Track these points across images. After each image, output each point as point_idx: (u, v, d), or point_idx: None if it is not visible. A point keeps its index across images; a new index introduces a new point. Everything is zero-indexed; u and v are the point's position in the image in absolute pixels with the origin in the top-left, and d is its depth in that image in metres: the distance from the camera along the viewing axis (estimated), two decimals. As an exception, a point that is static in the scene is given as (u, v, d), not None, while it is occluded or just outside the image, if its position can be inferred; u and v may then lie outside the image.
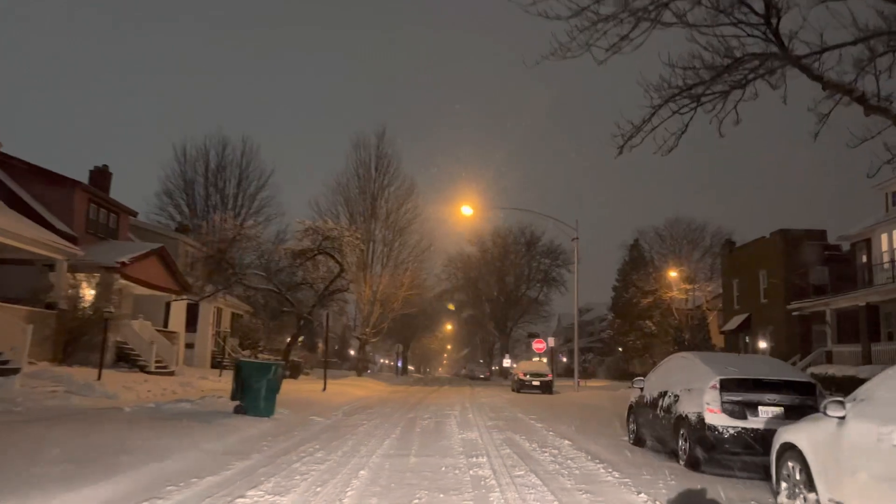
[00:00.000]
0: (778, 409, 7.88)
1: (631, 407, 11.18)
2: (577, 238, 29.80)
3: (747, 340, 35.18)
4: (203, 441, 8.91)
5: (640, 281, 55.84)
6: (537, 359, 38.61)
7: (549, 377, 29.97)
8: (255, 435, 10.29)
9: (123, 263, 21.47)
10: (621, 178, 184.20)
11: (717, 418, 7.94)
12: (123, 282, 21.85)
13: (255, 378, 12.82)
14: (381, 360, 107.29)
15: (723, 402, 7.97)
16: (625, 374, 57.95)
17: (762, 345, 33.13)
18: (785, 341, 30.96)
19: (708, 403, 8.06)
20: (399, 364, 67.97)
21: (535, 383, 29.68)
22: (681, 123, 11.19)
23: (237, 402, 12.73)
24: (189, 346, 33.57)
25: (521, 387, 29.91)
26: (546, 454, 9.30)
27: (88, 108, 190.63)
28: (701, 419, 8.08)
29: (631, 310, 55.87)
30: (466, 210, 29.71)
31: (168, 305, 29.29)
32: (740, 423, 7.86)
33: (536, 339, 40.04)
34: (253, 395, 12.78)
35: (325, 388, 21.86)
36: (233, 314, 37.23)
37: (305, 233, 18.29)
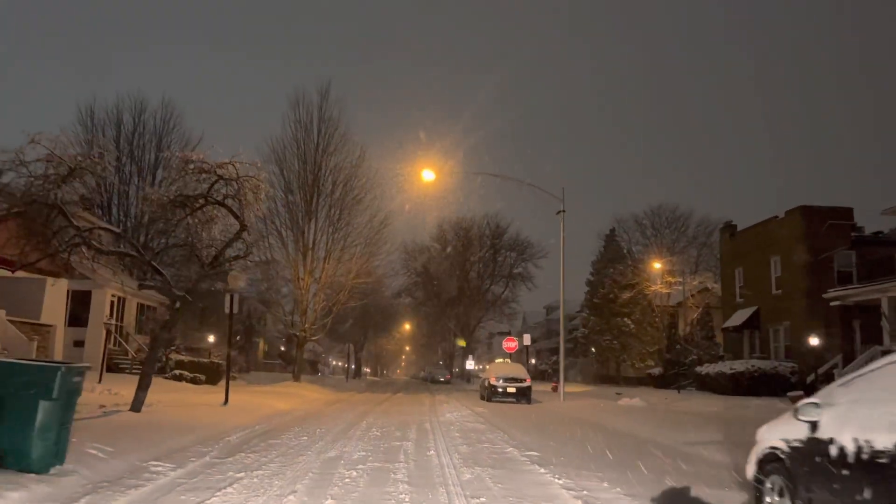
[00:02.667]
0: None
1: (776, 458, 5.30)
2: (564, 210, 24.18)
3: (756, 338, 30.04)
4: None
5: (617, 274, 50.77)
6: (502, 360, 32.82)
7: (528, 382, 24.25)
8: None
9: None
10: (595, 164, 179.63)
11: None
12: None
13: (16, 397, 6.68)
14: (335, 363, 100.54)
15: None
16: (602, 378, 52.76)
17: (777, 343, 28.08)
18: (805, 338, 25.87)
19: None
20: (352, 367, 61.54)
21: (511, 390, 23.93)
22: None
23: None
24: (78, 343, 26.90)
25: (492, 395, 24.13)
26: None
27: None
28: None
29: (607, 306, 50.67)
30: (427, 175, 23.82)
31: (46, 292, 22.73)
32: None
33: (507, 338, 34.40)
34: (18, 427, 6.65)
35: (226, 402, 15.66)
36: (141, 305, 30.58)
37: (184, 171, 12.07)
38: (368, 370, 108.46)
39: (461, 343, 66.75)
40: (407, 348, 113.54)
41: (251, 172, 12.47)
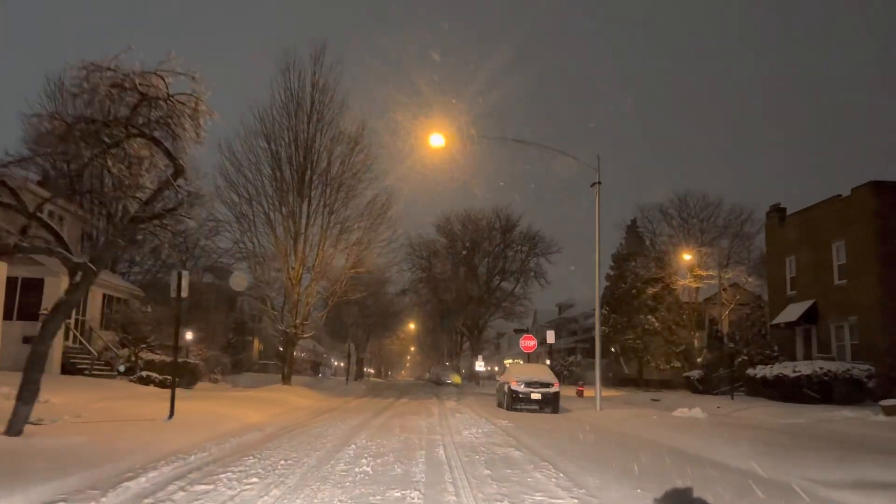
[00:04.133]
0: None
1: None
2: (600, 182, 20.30)
3: (813, 336, 26.07)
4: None
5: (640, 268, 46.88)
6: (512, 360, 29.04)
7: (556, 387, 20.37)
8: None
9: None
10: (615, 152, 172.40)
11: None
12: None
13: None
14: (337, 364, 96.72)
15: None
16: (623, 380, 48.77)
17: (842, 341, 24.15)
18: (880, 335, 21.99)
19: None
20: (353, 368, 57.84)
21: (536, 397, 20.06)
22: None
23: None
24: (28, 340, 23.16)
25: (514, 402, 20.28)
26: None
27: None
28: None
29: (629, 302, 46.75)
30: (437, 140, 19.99)
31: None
32: None
33: (525, 335, 30.47)
34: None
35: (171, 415, 11.84)
36: (109, 297, 26.84)
37: (87, 82, 8.32)
38: (372, 371, 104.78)
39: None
40: (412, 349, 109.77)
41: (190, 90, 8.64)
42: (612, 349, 50.76)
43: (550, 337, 29.49)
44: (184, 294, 12.16)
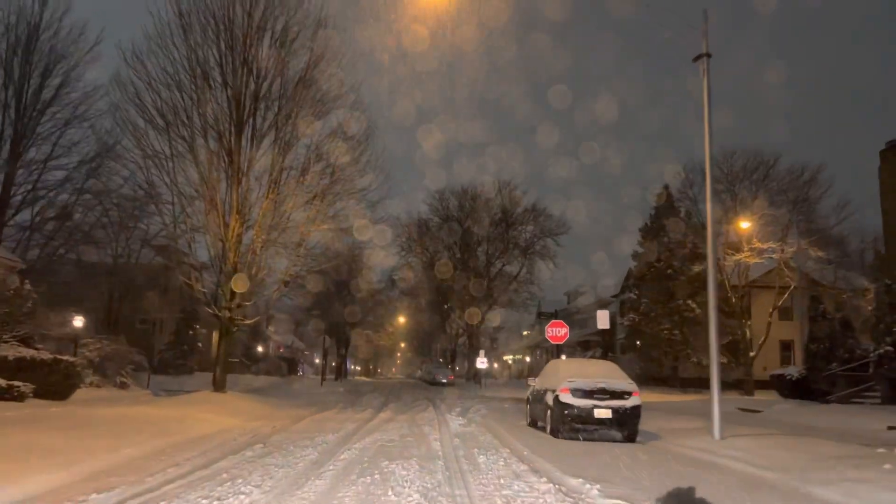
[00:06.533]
0: None
1: None
2: (709, 54, 12.04)
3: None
4: None
5: (675, 245, 38.78)
6: (561, 357, 20.69)
7: (636, 397, 12.10)
8: None
9: None
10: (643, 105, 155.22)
11: None
12: None
13: None
14: (319, 361, 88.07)
15: None
16: (653, 379, 40.55)
17: None
18: None
19: None
20: (326, 365, 49.57)
21: (603, 414, 11.79)
22: None
23: None
24: None
25: (566, 421, 12.02)
26: None
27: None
28: None
29: (663, 285, 38.68)
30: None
31: None
32: None
33: (553, 321, 21.91)
34: None
35: None
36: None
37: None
38: (360, 369, 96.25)
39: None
40: (402, 345, 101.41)
41: None
42: (638, 342, 42.68)
43: (603, 320, 20.71)
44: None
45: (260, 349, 52.59)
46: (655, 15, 15.63)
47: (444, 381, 47.70)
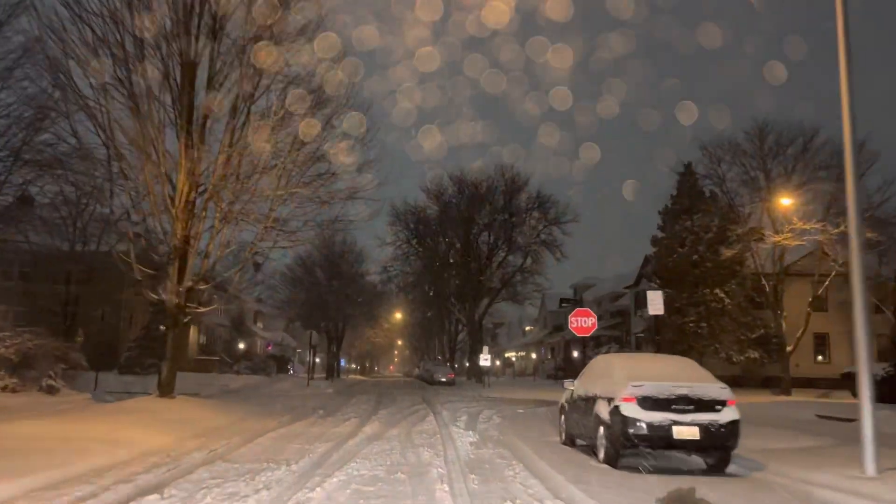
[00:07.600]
0: None
1: None
2: None
3: None
4: None
5: (699, 228, 34.81)
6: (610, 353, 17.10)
7: (732, 408, 8.24)
8: None
9: None
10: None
11: None
12: None
13: None
14: (315, 360, 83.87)
15: None
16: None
17: None
18: None
19: None
20: (312, 363, 45.57)
21: (689, 434, 7.93)
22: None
23: None
24: None
25: (630, 442, 8.11)
26: None
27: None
28: None
29: (687, 273, 34.74)
30: None
31: None
32: None
33: (578, 310, 17.71)
34: None
35: None
36: None
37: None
38: (357, 366, 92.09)
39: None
40: (399, 342, 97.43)
41: None
42: (657, 336, 38.82)
43: (656, 304, 15.93)
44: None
45: (242, 346, 48.57)
46: None
47: (444, 379, 43.83)
